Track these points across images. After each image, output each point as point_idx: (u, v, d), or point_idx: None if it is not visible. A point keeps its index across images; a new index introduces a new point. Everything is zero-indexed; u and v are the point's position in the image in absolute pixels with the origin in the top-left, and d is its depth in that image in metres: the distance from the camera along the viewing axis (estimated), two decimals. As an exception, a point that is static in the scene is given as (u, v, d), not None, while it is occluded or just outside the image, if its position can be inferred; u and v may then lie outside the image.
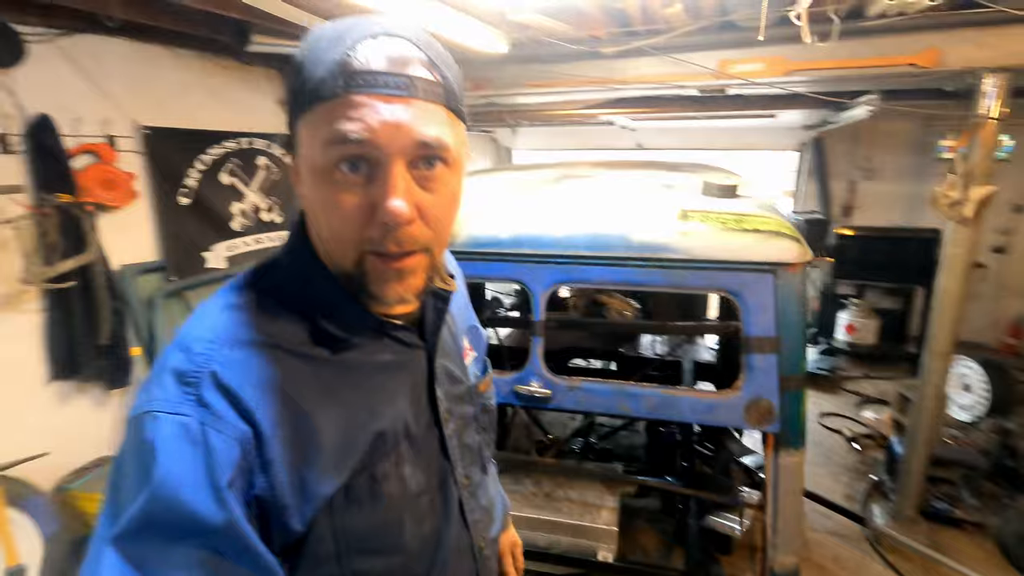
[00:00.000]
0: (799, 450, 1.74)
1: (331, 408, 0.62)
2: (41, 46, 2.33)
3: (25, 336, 2.46)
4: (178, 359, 0.58)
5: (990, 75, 2.28)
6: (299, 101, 0.58)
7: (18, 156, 2.32)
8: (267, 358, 0.60)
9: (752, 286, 1.64)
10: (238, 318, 0.61)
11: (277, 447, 0.57)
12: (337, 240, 0.61)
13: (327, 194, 0.59)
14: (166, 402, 0.55)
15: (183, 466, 0.52)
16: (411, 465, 0.69)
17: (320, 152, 0.58)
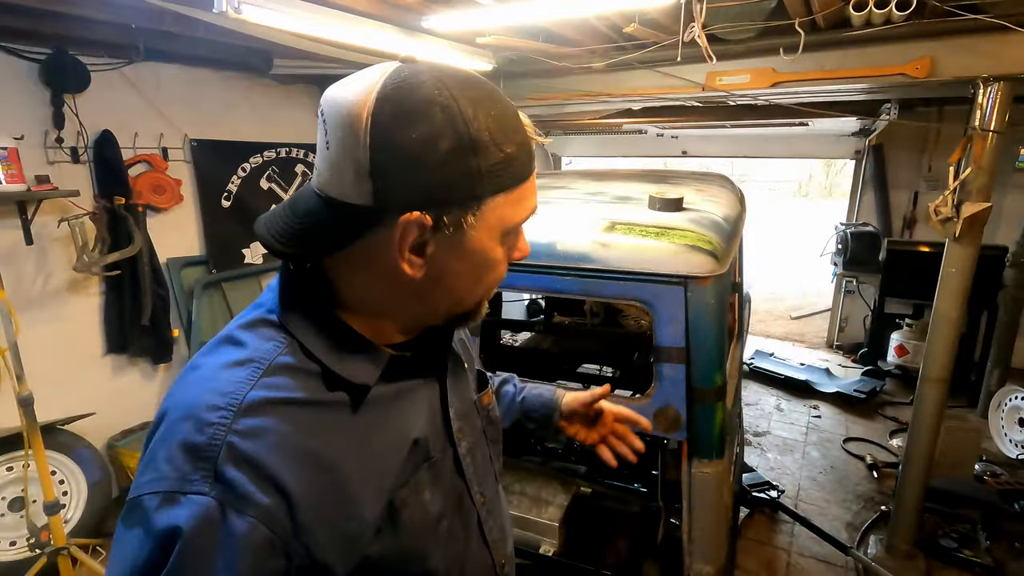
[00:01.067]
0: (712, 461, 1.76)
1: (356, 452, 0.60)
2: (104, 74, 2.80)
3: (87, 315, 2.95)
4: (186, 431, 0.53)
5: (987, 84, 2.14)
6: (500, 179, 0.59)
7: (85, 165, 2.82)
8: (285, 416, 0.56)
9: (663, 297, 1.70)
10: (246, 376, 0.57)
11: (310, 509, 0.55)
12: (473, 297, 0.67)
13: (490, 258, 0.63)
14: (179, 481, 0.51)
15: (202, 558, 0.49)
16: (430, 490, 0.68)
17: (507, 225, 0.62)
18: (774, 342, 6.05)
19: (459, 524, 0.73)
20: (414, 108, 0.54)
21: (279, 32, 2.02)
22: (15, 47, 2.51)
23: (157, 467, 0.52)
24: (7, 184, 2.33)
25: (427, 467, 0.68)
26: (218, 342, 0.63)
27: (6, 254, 2.55)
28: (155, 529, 0.50)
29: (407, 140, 0.54)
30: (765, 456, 3.76)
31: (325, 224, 0.58)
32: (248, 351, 0.59)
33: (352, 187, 0.56)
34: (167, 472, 0.51)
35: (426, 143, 0.54)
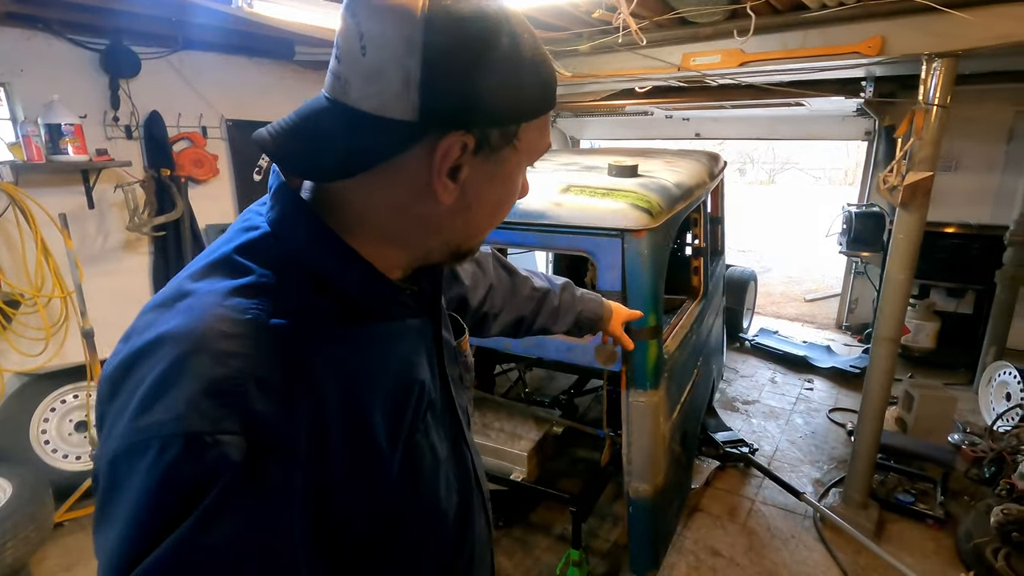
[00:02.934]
0: (647, 391, 2.03)
1: (377, 389, 0.58)
2: (153, 61, 3.23)
3: (139, 270, 3.43)
4: (203, 362, 0.46)
5: (931, 62, 2.29)
6: (528, 105, 0.57)
7: (136, 141, 3.27)
8: (306, 346, 0.52)
9: (603, 247, 1.97)
10: (259, 304, 0.51)
11: (339, 447, 0.52)
12: (485, 228, 0.65)
13: (513, 190, 0.63)
14: (203, 420, 0.44)
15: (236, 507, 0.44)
16: (436, 433, 0.67)
17: (534, 155, 0.62)
18: (784, 322, 6.15)
19: (458, 466, 0.73)
20: (470, 17, 0.50)
21: (293, 23, 2.36)
22: (80, 39, 2.95)
23: (171, 405, 0.44)
24: (74, 155, 2.78)
25: (431, 411, 0.66)
26: (207, 265, 0.56)
27: (73, 215, 3.01)
28: (180, 475, 0.43)
29: (463, 49, 0.50)
30: (750, 421, 3.96)
31: (354, 143, 0.52)
32: (253, 276, 0.53)
33: (395, 99, 0.50)
34: (187, 411, 0.44)
35: (480, 55, 0.51)
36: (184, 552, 0.42)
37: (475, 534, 0.76)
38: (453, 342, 0.79)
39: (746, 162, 26.24)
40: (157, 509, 0.43)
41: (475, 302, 1.04)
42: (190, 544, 0.42)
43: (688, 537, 2.80)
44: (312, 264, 0.56)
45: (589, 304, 1.26)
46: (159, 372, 0.46)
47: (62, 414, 2.98)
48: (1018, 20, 1.97)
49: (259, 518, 0.45)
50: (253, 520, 0.45)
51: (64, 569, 2.58)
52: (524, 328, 1.18)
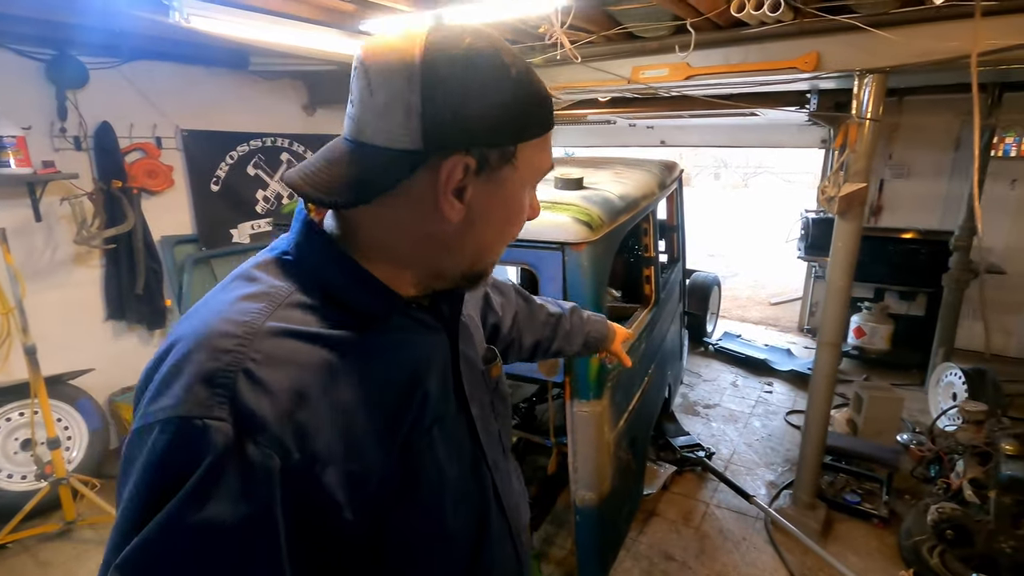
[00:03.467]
0: (590, 401, 2.06)
1: (364, 393, 0.60)
2: (102, 71, 3.18)
3: (90, 284, 3.36)
4: (202, 359, 0.52)
5: (863, 77, 2.38)
6: (526, 126, 0.62)
7: (87, 152, 3.21)
8: (298, 348, 0.56)
9: (545, 260, 2.00)
10: (260, 308, 0.57)
11: (323, 441, 0.55)
12: (493, 248, 0.68)
13: (518, 210, 0.66)
14: (196, 406, 0.50)
15: (216, 485, 0.48)
16: (444, 449, 0.68)
17: (536, 175, 0.66)
18: (748, 326, 6.27)
19: (475, 488, 0.74)
20: (462, 50, 0.57)
21: (233, 37, 2.36)
22: (24, 49, 2.90)
23: (173, 393, 0.51)
24: (16, 167, 2.73)
25: (439, 426, 0.68)
26: (230, 280, 0.64)
27: (18, 229, 2.95)
28: (171, 455, 0.49)
29: (456, 80, 0.56)
30: (709, 425, 4.03)
31: (369, 172, 0.59)
32: (262, 286, 0.60)
33: (400, 129, 0.57)
34: (183, 398, 0.50)
35: (473, 82, 0.57)
36: (170, 527, 0.47)
37: (494, 561, 0.76)
38: (480, 366, 0.82)
39: (720, 167, 26.69)
40: (150, 485, 0.49)
41: (504, 330, 1.10)
42: (176, 520, 0.47)
43: (643, 542, 2.84)
44: (319, 277, 0.62)
45: (595, 325, 1.32)
46: (169, 366, 0.54)
47: (6, 432, 2.91)
48: (936, 39, 2.06)
49: (241, 498, 0.49)
50: (235, 500, 0.49)
51: (6, 593, 2.52)
52: (541, 351, 1.23)
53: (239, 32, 2.13)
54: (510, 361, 1.15)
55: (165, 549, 0.48)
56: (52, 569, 2.64)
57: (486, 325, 1.03)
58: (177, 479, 0.48)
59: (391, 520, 0.62)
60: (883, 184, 5.33)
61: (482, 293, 1.02)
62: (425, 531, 0.66)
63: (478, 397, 0.78)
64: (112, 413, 3.46)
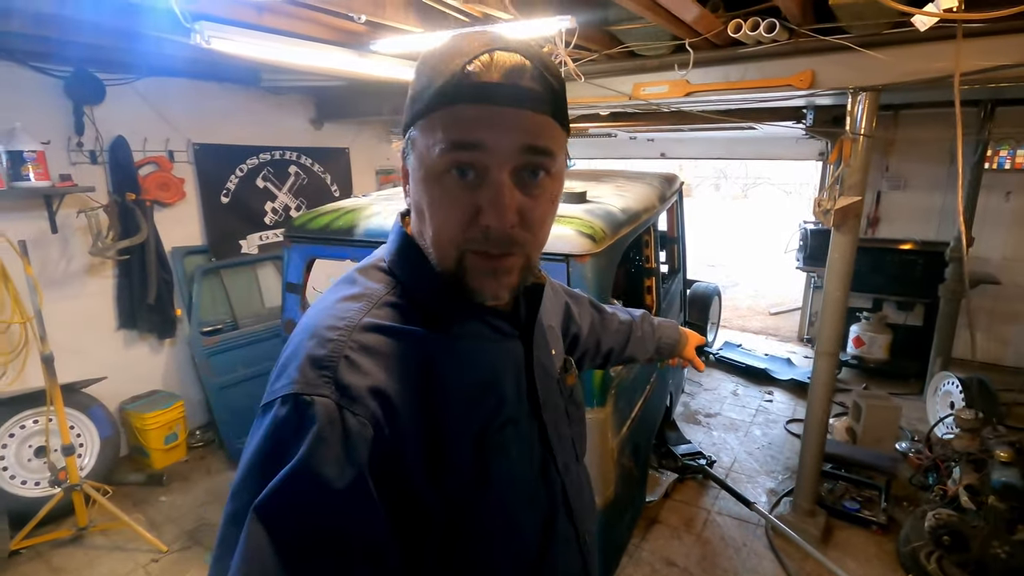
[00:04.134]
0: (593, 409, 2.12)
1: (447, 387, 0.66)
2: (118, 87, 3.28)
3: (103, 294, 3.44)
4: (312, 346, 0.62)
5: (856, 95, 2.46)
6: (416, 107, 0.63)
7: (102, 166, 3.30)
8: (389, 341, 0.65)
9: (550, 272, 2.06)
10: (359, 307, 0.67)
11: (407, 422, 0.62)
12: (440, 238, 0.65)
13: (436, 196, 0.63)
14: (306, 385, 0.59)
15: (323, 446, 0.56)
16: (516, 450, 0.72)
17: (434, 157, 0.62)
18: (749, 336, 6.33)
19: (544, 491, 0.76)
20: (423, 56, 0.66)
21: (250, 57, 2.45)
22: (43, 66, 3.00)
23: (289, 374, 0.61)
24: (36, 181, 2.81)
25: (512, 427, 0.71)
26: (339, 282, 0.74)
27: (35, 240, 3.03)
28: (287, 422, 0.58)
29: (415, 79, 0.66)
30: (711, 433, 4.08)
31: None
32: (360, 288, 0.70)
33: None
34: (297, 378, 0.60)
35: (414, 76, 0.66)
36: (290, 481, 0.55)
37: (560, 563, 0.78)
38: (556, 374, 0.85)
39: (720, 178, 26.87)
40: (269, 449, 0.58)
41: (582, 338, 1.13)
42: (296, 474, 0.55)
43: (645, 548, 2.88)
44: (409, 285, 0.71)
45: (667, 331, 1.34)
46: (287, 354, 0.65)
47: (21, 440, 2.97)
48: (925, 59, 2.14)
49: (344, 459, 0.57)
50: (339, 460, 0.57)
51: (20, 598, 2.56)
52: (613, 359, 1.25)
53: (255, 52, 2.22)
54: (584, 369, 1.19)
55: (288, 496, 0.55)
56: (65, 575, 2.69)
57: (567, 335, 1.06)
58: (290, 444, 0.56)
59: (462, 512, 0.65)
60: (880, 196, 5.41)
61: (563, 303, 1.06)
62: (493, 526, 0.69)
63: (552, 403, 0.80)
64: (122, 421, 3.52)
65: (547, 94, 0.62)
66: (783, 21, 2.29)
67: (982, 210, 4.67)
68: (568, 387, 0.88)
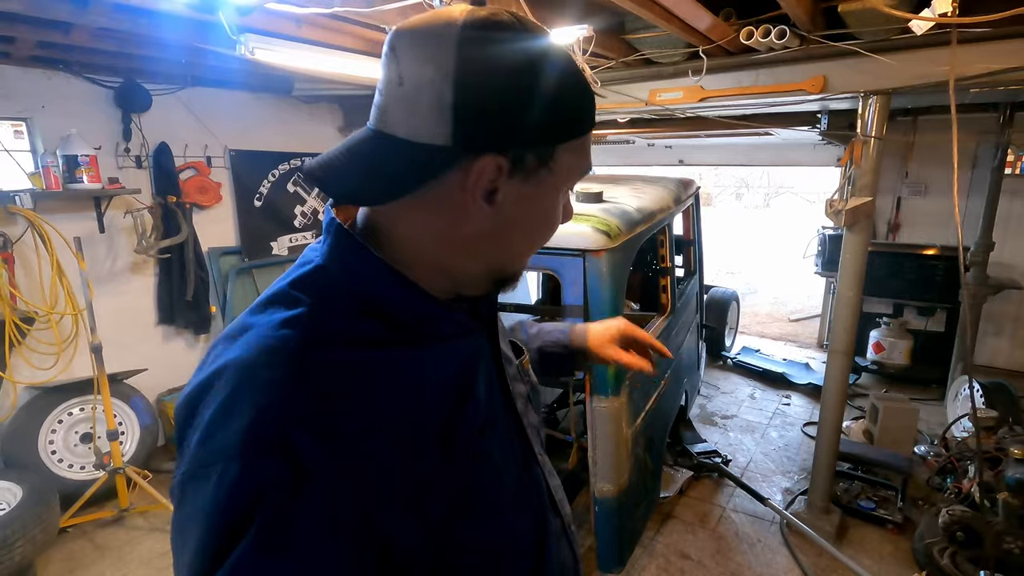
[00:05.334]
0: (609, 397, 2.22)
1: (422, 405, 0.58)
2: (163, 97, 3.50)
3: (144, 291, 3.64)
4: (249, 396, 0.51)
5: (867, 99, 2.53)
6: (567, 126, 0.58)
7: (146, 170, 3.51)
8: (345, 371, 0.54)
9: (567, 266, 2.19)
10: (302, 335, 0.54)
11: (383, 468, 0.53)
12: (523, 254, 0.65)
13: (553, 214, 0.63)
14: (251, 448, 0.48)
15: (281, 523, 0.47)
16: (499, 451, 0.67)
17: (575, 177, 0.62)
18: (768, 341, 6.33)
19: (531, 486, 0.72)
20: (502, 43, 0.53)
21: (290, 67, 2.62)
22: (96, 77, 3.22)
23: (227, 434, 0.49)
24: (88, 183, 3.02)
25: (491, 428, 0.66)
26: (270, 300, 0.59)
27: (85, 239, 3.22)
28: (230, 499, 0.47)
29: (493, 75, 0.53)
30: (727, 435, 4.12)
31: (392, 167, 0.55)
32: (302, 308, 0.56)
33: (430, 125, 0.53)
34: (236, 440, 0.48)
35: (512, 79, 0.53)
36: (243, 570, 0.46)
37: (555, 562, 0.72)
38: (515, 360, 0.79)
39: (742, 187, 26.69)
40: (217, 528, 0.47)
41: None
42: (248, 562, 0.46)
43: (660, 541, 2.94)
44: (360, 289, 0.58)
45: (550, 336, 1.09)
46: (219, 402, 0.51)
47: (69, 426, 3.16)
48: (930, 63, 2.21)
49: (303, 540, 0.47)
50: (297, 541, 0.47)
51: (68, 572, 2.73)
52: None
53: (293, 62, 2.39)
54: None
55: None
56: (107, 552, 2.86)
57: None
58: (242, 522, 0.46)
59: (457, 535, 0.58)
60: (900, 202, 5.40)
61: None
62: (491, 538, 0.63)
63: (519, 392, 0.76)
64: (160, 411, 3.70)
65: None
66: (793, 28, 2.38)
67: (1005, 216, 4.66)
68: (525, 371, 0.83)
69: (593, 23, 2.34)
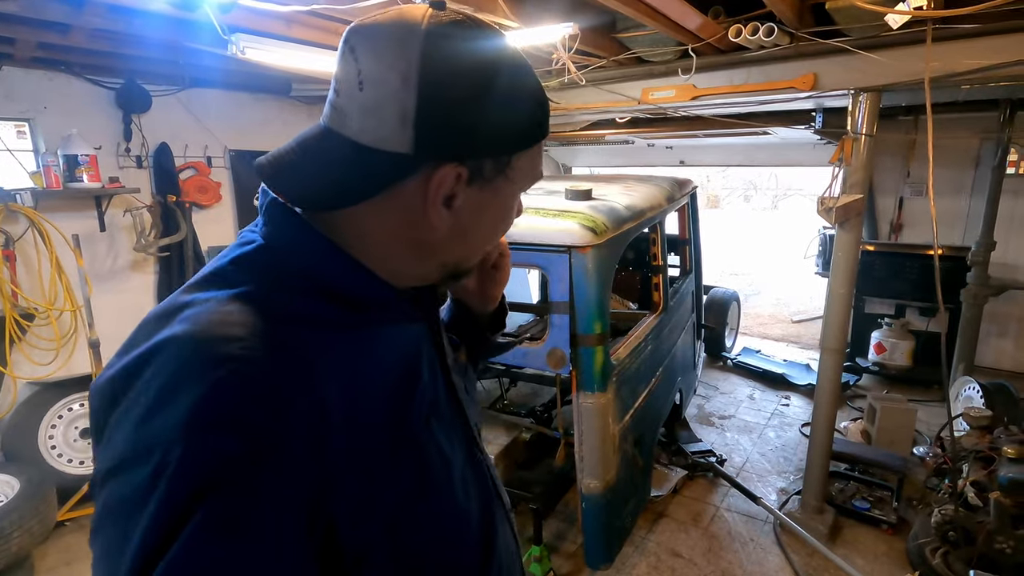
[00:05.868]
0: (595, 394, 2.22)
1: (373, 383, 0.58)
2: (163, 98, 3.55)
3: (145, 288, 3.69)
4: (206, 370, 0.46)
5: (857, 96, 2.52)
6: (521, 134, 0.59)
7: (146, 170, 3.56)
8: (298, 347, 0.52)
9: (553, 262, 2.20)
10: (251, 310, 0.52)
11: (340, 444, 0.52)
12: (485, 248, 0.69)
13: (508, 214, 0.65)
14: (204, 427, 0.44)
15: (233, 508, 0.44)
16: (445, 437, 0.67)
17: (527, 183, 0.63)
18: (770, 342, 6.29)
19: (475, 473, 0.73)
20: (465, 52, 0.53)
21: (282, 67, 2.65)
22: (97, 78, 3.28)
23: (173, 412, 0.45)
24: (88, 182, 3.07)
25: (435, 416, 0.66)
26: (205, 280, 0.56)
27: (85, 237, 3.29)
28: (178, 482, 0.43)
29: (454, 87, 0.53)
30: (724, 435, 4.10)
31: (352, 173, 0.55)
32: (249, 286, 0.54)
33: (392, 133, 0.52)
34: (185, 418, 0.44)
35: (473, 90, 0.53)
36: (192, 555, 0.43)
37: (501, 545, 0.74)
38: (452, 352, 0.79)
39: (750, 189, 26.58)
40: (160, 516, 0.43)
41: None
42: (196, 548, 0.43)
43: (652, 540, 2.94)
44: (310, 270, 0.57)
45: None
46: (164, 378, 0.46)
47: (68, 421, 3.20)
48: (919, 59, 2.20)
49: (256, 521, 0.46)
50: (250, 522, 0.45)
51: (64, 564, 2.77)
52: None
53: (286, 62, 2.42)
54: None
55: None
56: (104, 545, 2.89)
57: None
58: (186, 511, 0.43)
59: (410, 518, 0.59)
60: (903, 202, 5.37)
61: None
62: (444, 522, 0.64)
63: (459, 383, 0.76)
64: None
65: None
66: (781, 26, 2.38)
67: (1008, 215, 4.62)
68: (463, 364, 0.85)
69: (583, 21, 2.35)
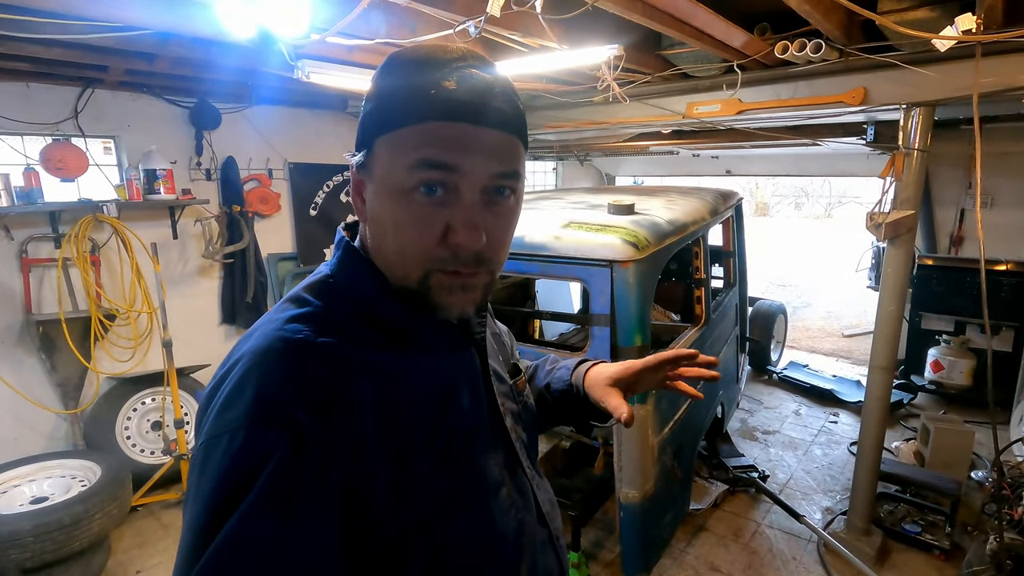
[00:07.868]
0: (634, 405, 2.27)
1: (408, 405, 0.64)
2: (231, 115, 3.81)
3: (210, 293, 3.96)
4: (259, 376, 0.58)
5: (909, 111, 2.48)
6: (384, 118, 0.61)
7: (214, 182, 3.83)
8: (342, 363, 0.61)
9: (595, 276, 2.26)
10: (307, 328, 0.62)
11: (371, 451, 0.59)
12: (406, 255, 0.63)
13: (402, 214, 0.61)
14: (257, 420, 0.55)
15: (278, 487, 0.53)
16: (484, 459, 0.71)
17: (401, 173, 0.60)
18: (819, 357, 6.13)
19: (517, 496, 0.75)
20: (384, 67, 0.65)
21: (341, 87, 2.83)
22: (174, 99, 3.56)
23: (236, 409, 0.56)
24: (165, 194, 3.34)
25: (474, 437, 0.71)
26: (284, 302, 0.69)
27: (160, 244, 3.57)
28: (237, 465, 0.53)
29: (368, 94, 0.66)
30: (767, 450, 4.04)
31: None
32: (309, 308, 0.65)
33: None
34: (246, 413, 0.55)
35: (368, 93, 0.65)
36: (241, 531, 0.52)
37: (540, 568, 0.77)
38: (508, 380, 0.84)
39: (801, 196, 25.73)
40: (221, 489, 0.53)
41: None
42: (246, 524, 0.52)
43: (691, 553, 2.94)
44: (359, 296, 0.67)
45: (558, 373, 1.00)
46: (234, 383, 0.59)
47: (142, 414, 3.47)
48: (972, 74, 2.16)
49: (300, 504, 0.54)
50: (295, 505, 0.53)
51: (137, 546, 3.01)
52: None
53: (345, 83, 2.58)
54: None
55: (236, 557, 0.51)
56: (172, 531, 3.12)
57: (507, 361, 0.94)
58: (243, 487, 0.52)
59: (442, 535, 0.63)
60: (964, 214, 5.15)
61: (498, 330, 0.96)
62: (476, 541, 0.68)
63: (509, 408, 0.80)
64: (221, 405, 3.99)
65: (515, 115, 0.63)
66: (829, 42, 2.38)
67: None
68: (519, 391, 0.87)
69: (627, 40, 2.42)
